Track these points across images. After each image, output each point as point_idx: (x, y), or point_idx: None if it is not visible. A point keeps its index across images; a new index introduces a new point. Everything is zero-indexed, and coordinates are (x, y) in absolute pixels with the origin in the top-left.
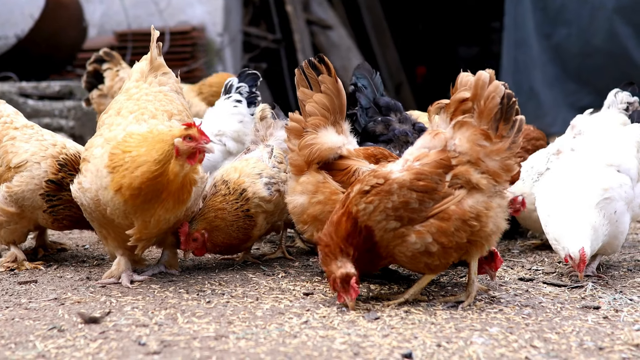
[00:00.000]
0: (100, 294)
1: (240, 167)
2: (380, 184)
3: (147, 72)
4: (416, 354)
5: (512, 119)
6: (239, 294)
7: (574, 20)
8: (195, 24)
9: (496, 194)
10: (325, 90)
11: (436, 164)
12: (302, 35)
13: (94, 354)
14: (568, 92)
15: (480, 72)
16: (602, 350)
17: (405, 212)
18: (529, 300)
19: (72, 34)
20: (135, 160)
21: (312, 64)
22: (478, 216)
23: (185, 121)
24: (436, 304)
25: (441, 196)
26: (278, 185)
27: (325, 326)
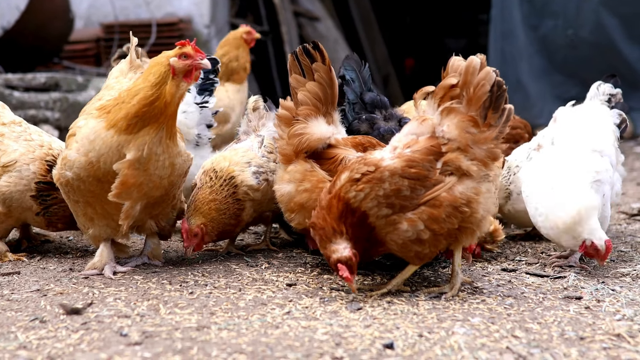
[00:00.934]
0: (82, 285)
1: (229, 156)
2: (371, 171)
3: (127, 71)
4: (398, 344)
5: (501, 108)
6: (221, 285)
7: (561, 12)
8: (182, 16)
9: (485, 178)
10: (318, 78)
11: (427, 150)
12: (290, 27)
13: (75, 345)
14: (555, 83)
15: (472, 58)
16: (583, 340)
17: (397, 199)
18: (511, 290)
19: (58, 25)
20: (132, 90)
21: (306, 51)
22: (469, 202)
23: None
24: (419, 295)
25: (432, 183)
26: (267, 174)
27: (307, 317)
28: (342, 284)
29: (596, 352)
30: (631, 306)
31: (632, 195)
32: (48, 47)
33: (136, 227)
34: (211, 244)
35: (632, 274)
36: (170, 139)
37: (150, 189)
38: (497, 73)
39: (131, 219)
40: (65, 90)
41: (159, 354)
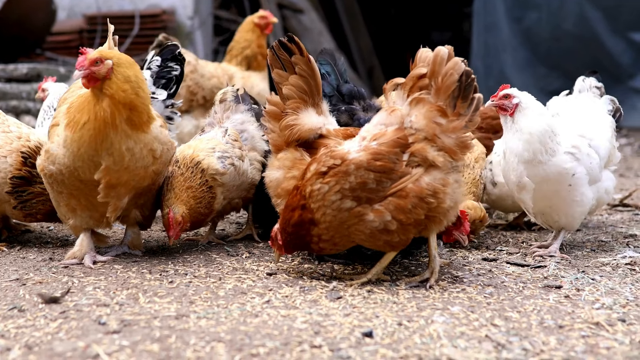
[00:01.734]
0: (62, 274)
1: (193, 145)
2: (337, 164)
3: None
4: (377, 333)
5: (470, 97)
6: (202, 274)
7: (544, 5)
8: (165, 7)
9: (453, 169)
10: (299, 71)
11: (393, 143)
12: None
13: (54, 334)
14: (538, 75)
15: (439, 48)
16: (562, 329)
17: (362, 192)
18: (491, 279)
19: (40, 16)
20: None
21: (282, 45)
22: (435, 193)
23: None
24: (399, 284)
25: (399, 175)
26: (232, 159)
27: (287, 305)
28: (323, 272)
29: (575, 340)
30: (610, 295)
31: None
32: (30, 38)
33: (121, 217)
34: (192, 234)
35: (612, 264)
36: (136, 129)
37: (138, 181)
38: (466, 63)
39: (119, 211)
40: None
41: (137, 342)
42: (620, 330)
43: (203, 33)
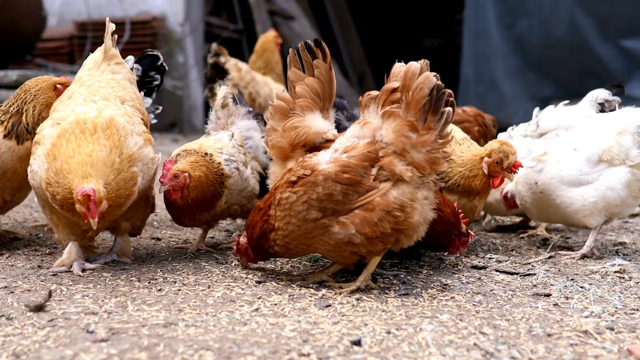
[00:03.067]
0: (51, 282)
1: (200, 142)
2: (307, 175)
3: (100, 62)
4: (365, 341)
5: (440, 111)
6: (190, 282)
7: (535, 12)
8: (155, 14)
9: (423, 185)
10: (318, 75)
11: (363, 156)
12: (265, 25)
13: (41, 342)
14: (529, 83)
15: (411, 63)
16: (551, 337)
17: (329, 203)
18: (480, 287)
19: (30, 22)
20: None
21: (308, 47)
22: (402, 207)
23: (137, 108)
24: (388, 292)
25: (365, 189)
26: (237, 164)
27: (276, 314)
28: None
29: (563, 348)
30: (599, 303)
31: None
32: (20, 44)
33: (111, 228)
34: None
35: (601, 272)
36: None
37: (121, 205)
38: (438, 77)
39: (101, 230)
40: None
41: (125, 350)
42: (609, 338)
43: (194, 39)
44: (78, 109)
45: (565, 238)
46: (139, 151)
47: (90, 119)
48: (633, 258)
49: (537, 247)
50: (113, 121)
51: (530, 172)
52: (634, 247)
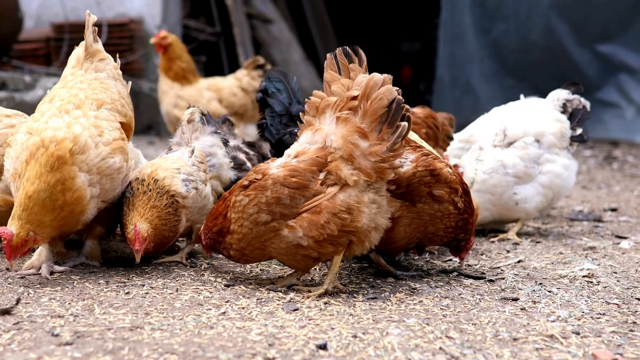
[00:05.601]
0: (18, 285)
1: (157, 163)
2: (258, 179)
3: (83, 59)
4: (331, 345)
5: (395, 124)
6: (159, 285)
7: (512, 16)
8: (133, 16)
9: (370, 188)
10: (354, 77)
11: (311, 161)
12: (242, 28)
13: (6, 345)
14: (505, 87)
15: (374, 74)
16: (517, 341)
17: (277, 207)
18: (449, 291)
19: (7, 24)
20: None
21: (345, 52)
22: (349, 209)
23: (118, 110)
24: (357, 296)
25: (312, 193)
26: (196, 183)
27: (243, 317)
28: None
29: (528, 352)
30: (566, 307)
31: (576, 198)
32: None
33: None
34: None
35: (569, 276)
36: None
37: (68, 231)
38: (400, 92)
39: (64, 237)
40: (12, 89)
41: (89, 354)
42: (574, 342)
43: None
44: (51, 121)
45: (535, 242)
46: (101, 162)
47: (50, 147)
48: (602, 262)
49: (507, 251)
50: (76, 142)
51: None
52: (603, 251)
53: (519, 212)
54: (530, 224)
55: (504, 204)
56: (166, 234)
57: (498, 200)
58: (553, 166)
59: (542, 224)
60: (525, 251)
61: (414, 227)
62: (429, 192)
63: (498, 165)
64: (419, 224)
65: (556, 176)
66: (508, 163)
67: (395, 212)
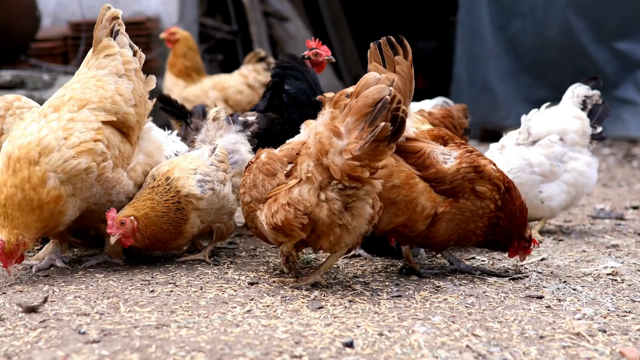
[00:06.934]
0: (42, 283)
1: (175, 162)
2: (252, 162)
3: (90, 56)
4: (357, 343)
5: (375, 124)
6: (183, 283)
7: (529, 13)
8: (150, 15)
9: (331, 187)
10: (399, 71)
11: (286, 152)
12: (259, 26)
13: (33, 343)
14: (522, 85)
15: (371, 73)
16: (543, 339)
17: (253, 190)
18: (473, 289)
19: (24, 23)
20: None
21: (390, 42)
22: (297, 203)
23: (106, 108)
24: (381, 294)
25: (277, 183)
26: (213, 183)
27: (268, 315)
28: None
29: (555, 350)
30: (592, 305)
31: (597, 196)
32: (14, 44)
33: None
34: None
35: (593, 274)
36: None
37: (67, 219)
38: (391, 96)
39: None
40: (31, 88)
41: (116, 352)
42: (601, 340)
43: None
44: (29, 127)
45: (558, 240)
46: (64, 164)
47: (14, 153)
48: (625, 260)
49: None
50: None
51: None
52: (626, 249)
53: (543, 210)
54: (552, 222)
55: (529, 202)
56: (165, 228)
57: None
58: (576, 164)
59: (564, 221)
60: (548, 249)
61: (455, 223)
62: (472, 188)
63: (524, 164)
64: (460, 220)
65: (580, 174)
66: (534, 161)
67: (439, 208)
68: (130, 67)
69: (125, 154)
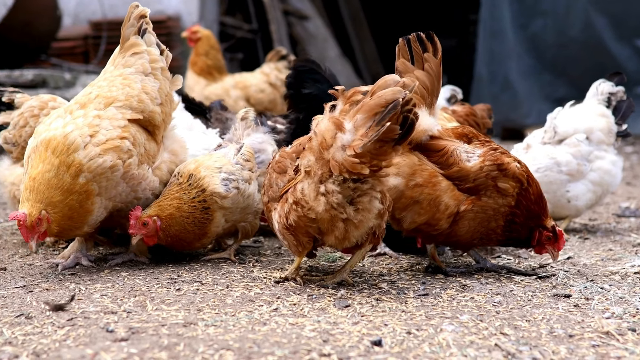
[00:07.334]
0: (69, 281)
1: (201, 160)
2: (270, 162)
3: (117, 54)
4: (386, 341)
5: (382, 124)
6: (209, 281)
7: (550, 11)
8: (170, 14)
9: (331, 180)
10: (427, 69)
11: (295, 148)
12: (279, 25)
13: (61, 341)
14: (543, 83)
15: (391, 75)
16: (572, 338)
17: (269, 189)
18: (500, 288)
19: (45, 22)
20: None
21: (419, 38)
22: (302, 199)
23: (132, 106)
24: (407, 293)
25: (288, 179)
26: (237, 182)
27: (295, 314)
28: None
29: (585, 349)
30: (620, 304)
31: (621, 194)
32: (35, 44)
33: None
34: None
35: (621, 272)
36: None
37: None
38: (406, 99)
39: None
40: (52, 87)
41: (145, 349)
42: (631, 339)
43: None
44: (54, 123)
45: (583, 239)
46: (90, 162)
47: (46, 139)
48: None
49: None
50: (66, 139)
51: None
52: None
53: (570, 209)
54: (577, 221)
55: (556, 201)
56: (189, 229)
57: (551, 198)
58: (602, 163)
59: (589, 220)
60: (574, 248)
61: (477, 221)
62: (494, 185)
63: (552, 163)
64: (482, 218)
65: (605, 173)
66: (562, 161)
67: (461, 206)
68: (156, 66)
69: (151, 152)
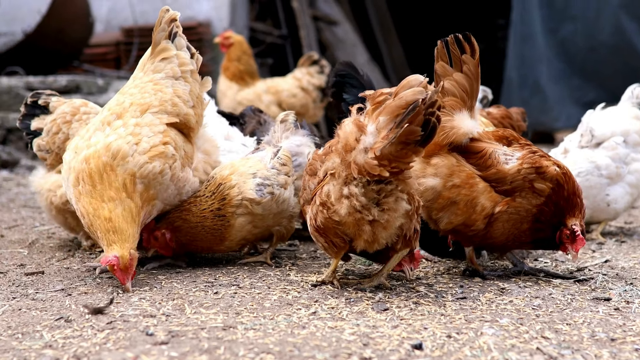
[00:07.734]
0: (107, 284)
1: (237, 165)
2: (306, 165)
3: (146, 60)
4: (426, 345)
5: (402, 125)
6: (246, 285)
7: (580, 16)
8: (201, 20)
9: (354, 182)
10: (466, 71)
11: (325, 150)
12: (308, 31)
13: (101, 344)
14: (573, 87)
15: (414, 75)
16: (614, 342)
17: (304, 192)
18: (538, 291)
19: (78, 29)
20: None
21: (457, 41)
22: (327, 200)
23: (167, 111)
24: (446, 296)
25: (318, 181)
26: (272, 187)
27: (334, 317)
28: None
29: (628, 353)
30: None
31: None
32: (68, 50)
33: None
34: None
35: None
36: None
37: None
38: (428, 101)
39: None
40: (86, 92)
41: (185, 353)
42: None
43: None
44: (93, 137)
45: (620, 242)
46: (140, 170)
47: (95, 163)
48: None
49: (592, 250)
50: (117, 156)
51: None
52: None
53: (608, 213)
54: (613, 224)
55: (595, 206)
56: (201, 237)
57: (591, 203)
58: (638, 165)
59: (624, 223)
60: (611, 251)
61: (511, 222)
62: (530, 187)
63: (592, 167)
64: (516, 219)
65: None
66: (601, 164)
67: (496, 207)
68: (186, 69)
69: (189, 154)
